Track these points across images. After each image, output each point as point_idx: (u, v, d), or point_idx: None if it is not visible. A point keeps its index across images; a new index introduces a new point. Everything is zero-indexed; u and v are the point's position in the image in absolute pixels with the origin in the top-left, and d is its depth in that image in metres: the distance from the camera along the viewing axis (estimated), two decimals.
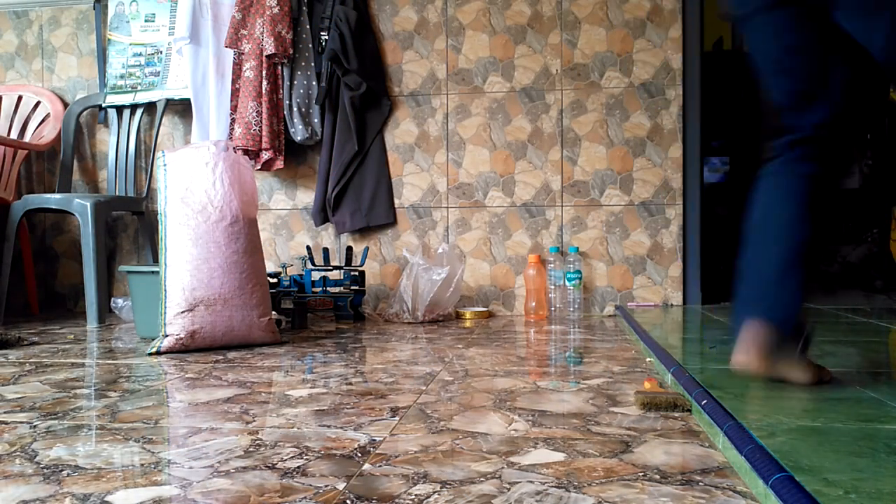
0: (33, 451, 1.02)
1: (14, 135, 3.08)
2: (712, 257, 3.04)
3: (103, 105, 3.05)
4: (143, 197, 2.98)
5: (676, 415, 1.20)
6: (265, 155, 2.83)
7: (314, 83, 2.87)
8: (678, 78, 2.77)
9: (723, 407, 1.08)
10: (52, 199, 2.70)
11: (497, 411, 1.24)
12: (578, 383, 1.48)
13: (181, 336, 1.89)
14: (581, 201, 2.84)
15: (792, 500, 0.72)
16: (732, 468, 0.92)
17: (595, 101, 2.82)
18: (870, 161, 3.84)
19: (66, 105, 3.13)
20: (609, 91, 2.81)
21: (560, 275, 2.78)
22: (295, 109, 2.84)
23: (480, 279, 2.90)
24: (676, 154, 2.78)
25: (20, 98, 3.12)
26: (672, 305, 2.77)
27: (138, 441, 1.07)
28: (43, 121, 3.09)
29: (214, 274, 1.92)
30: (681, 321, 2.38)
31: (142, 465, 0.95)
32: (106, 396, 1.39)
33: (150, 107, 3.01)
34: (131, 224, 3.14)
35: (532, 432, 1.10)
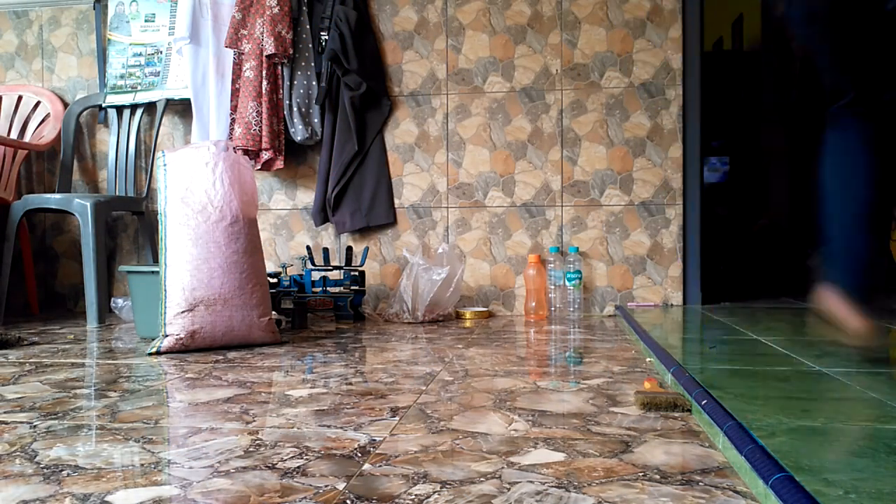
0: (33, 451, 1.02)
1: (14, 135, 3.08)
2: (712, 257, 3.04)
3: (103, 105, 3.05)
4: (143, 197, 2.98)
5: (676, 415, 1.20)
6: (265, 155, 2.83)
7: (314, 83, 2.87)
8: (678, 78, 2.77)
9: (723, 407, 1.08)
10: (52, 199, 2.70)
11: (497, 411, 1.24)
12: (578, 383, 1.48)
13: (181, 336, 1.89)
14: (581, 201, 2.84)
15: (792, 500, 0.72)
16: (732, 468, 0.92)
17: (595, 101, 2.82)
18: None
19: (66, 105, 3.13)
20: (609, 91, 2.82)
21: (560, 275, 2.78)
22: (295, 109, 2.84)
23: (480, 279, 2.90)
24: (676, 154, 2.78)
25: (20, 98, 3.12)
26: (672, 305, 2.77)
27: (138, 441, 1.07)
28: (43, 121, 3.09)
29: (214, 274, 1.92)
30: (681, 321, 2.38)
31: (142, 465, 0.95)
32: (106, 396, 1.39)
33: (150, 107, 3.01)
34: (131, 224, 3.14)
35: (532, 432, 1.10)
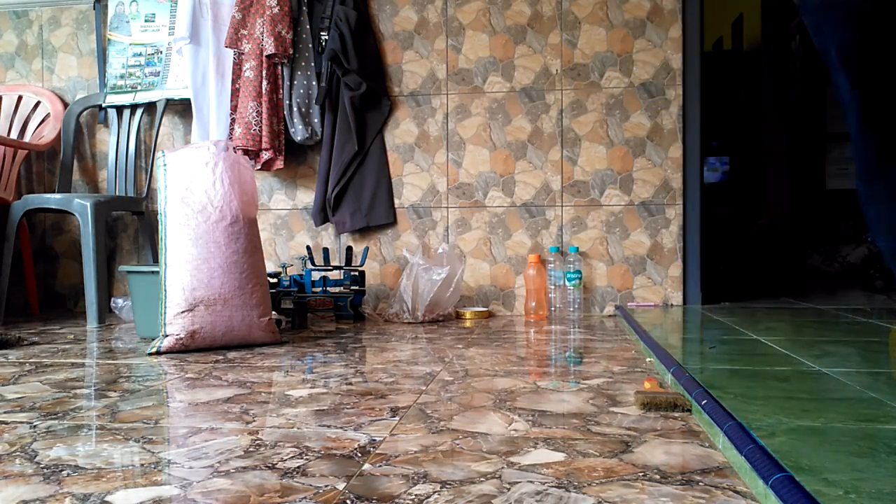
0: (33, 451, 1.02)
1: (14, 135, 3.08)
2: (712, 257, 3.04)
3: (103, 105, 3.05)
4: (143, 197, 2.98)
5: (676, 415, 1.20)
6: (265, 155, 2.83)
7: (314, 83, 2.87)
8: (678, 78, 2.77)
9: (723, 407, 1.08)
10: (52, 199, 2.70)
11: (497, 411, 1.24)
12: (578, 383, 1.48)
13: (181, 336, 1.89)
14: (581, 201, 2.84)
15: (792, 500, 0.72)
16: (732, 468, 0.92)
17: (595, 101, 2.82)
18: None
19: (66, 105, 3.13)
20: (609, 91, 2.81)
21: (560, 275, 2.78)
22: (295, 109, 2.84)
23: (480, 279, 2.90)
24: (676, 154, 2.78)
25: (20, 98, 3.12)
26: (672, 305, 2.77)
27: (138, 441, 1.07)
28: (43, 121, 3.09)
29: (214, 274, 1.92)
30: (681, 321, 2.38)
31: (142, 465, 0.95)
32: (106, 396, 1.39)
33: (150, 107, 3.01)
34: (131, 224, 3.14)
35: (532, 432, 1.10)
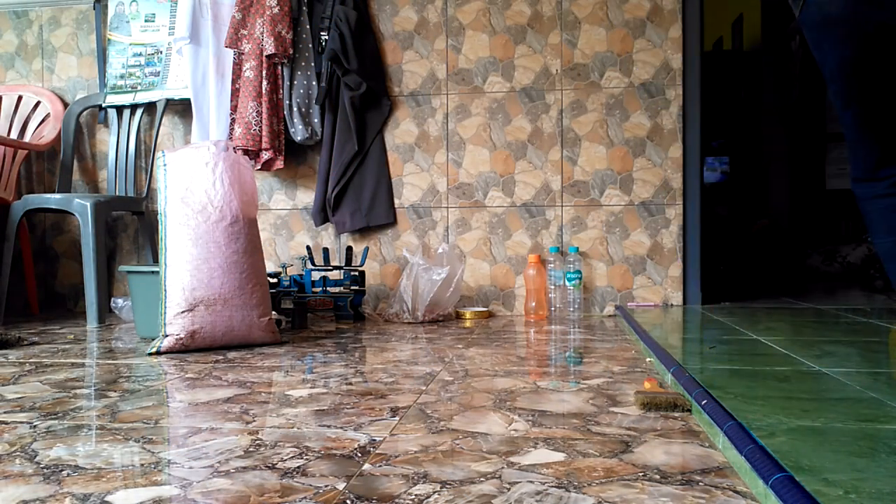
0: (33, 451, 1.02)
1: (14, 135, 3.08)
2: (712, 257, 3.04)
3: (103, 105, 3.05)
4: (143, 197, 2.98)
5: (676, 415, 1.20)
6: (265, 155, 2.83)
7: (314, 83, 2.87)
8: (678, 78, 2.77)
9: (723, 407, 1.08)
10: (52, 199, 2.70)
11: (497, 411, 1.24)
12: (578, 383, 1.48)
13: (181, 336, 1.89)
14: (581, 201, 2.84)
15: (792, 500, 0.72)
16: (732, 468, 0.92)
17: (595, 101, 2.82)
18: None
19: (66, 105, 3.13)
20: (609, 91, 2.81)
21: (560, 275, 2.78)
22: (295, 109, 2.84)
23: (480, 279, 2.90)
24: (676, 154, 2.78)
25: (20, 98, 3.12)
26: (672, 305, 2.77)
27: (138, 441, 1.07)
28: (43, 121, 3.09)
29: (214, 274, 1.92)
30: (681, 321, 2.38)
31: (142, 465, 0.95)
32: (106, 396, 1.39)
33: (150, 107, 3.01)
34: (131, 224, 3.14)
35: (532, 432, 1.10)
